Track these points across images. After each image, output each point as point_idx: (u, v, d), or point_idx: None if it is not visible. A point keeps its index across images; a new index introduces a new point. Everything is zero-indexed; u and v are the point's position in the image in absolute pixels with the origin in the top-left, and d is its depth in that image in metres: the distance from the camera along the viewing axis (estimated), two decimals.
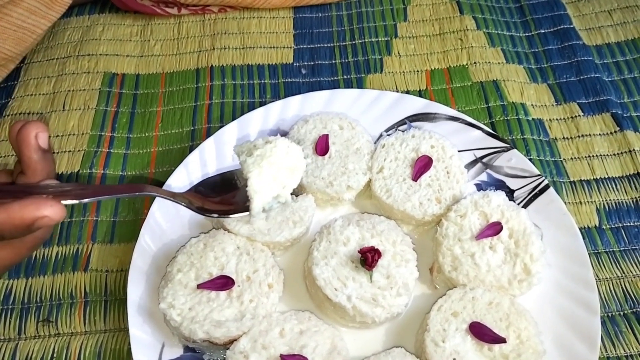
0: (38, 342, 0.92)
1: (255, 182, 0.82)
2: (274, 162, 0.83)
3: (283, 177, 0.85)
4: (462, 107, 1.18)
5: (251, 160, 0.83)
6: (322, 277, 0.88)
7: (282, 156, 0.84)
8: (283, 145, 0.85)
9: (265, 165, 0.82)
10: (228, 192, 0.89)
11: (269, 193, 0.84)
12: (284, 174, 0.85)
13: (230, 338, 0.83)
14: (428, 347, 0.83)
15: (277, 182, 0.85)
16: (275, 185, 0.85)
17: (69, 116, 1.16)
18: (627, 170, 1.10)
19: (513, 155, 1.05)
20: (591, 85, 1.22)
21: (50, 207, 0.62)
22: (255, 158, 0.83)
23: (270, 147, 0.84)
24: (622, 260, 1.01)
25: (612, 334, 0.93)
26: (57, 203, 0.63)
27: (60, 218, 0.63)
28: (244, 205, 0.87)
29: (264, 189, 0.83)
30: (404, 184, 1.00)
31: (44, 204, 0.62)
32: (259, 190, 0.83)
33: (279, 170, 0.84)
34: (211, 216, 0.86)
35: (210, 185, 0.88)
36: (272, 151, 0.83)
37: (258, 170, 0.82)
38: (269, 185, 0.84)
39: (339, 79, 1.22)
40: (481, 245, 0.91)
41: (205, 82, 1.21)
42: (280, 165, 0.84)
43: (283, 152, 0.84)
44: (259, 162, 0.82)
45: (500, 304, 0.87)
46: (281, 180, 0.85)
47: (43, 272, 0.98)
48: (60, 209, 0.63)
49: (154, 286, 0.91)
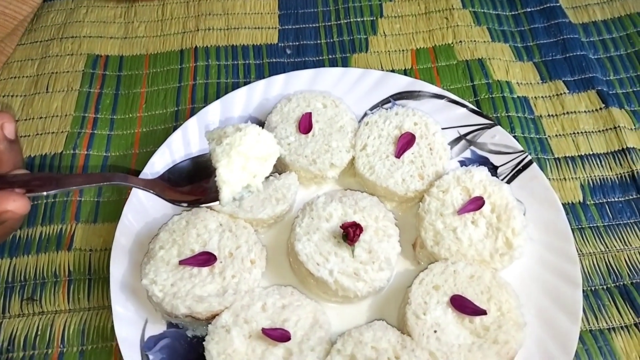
0: (22, 320, 0.92)
1: (223, 172, 0.79)
2: (243, 151, 0.79)
3: (254, 167, 0.82)
4: (447, 85, 1.17)
5: (220, 149, 0.80)
6: (305, 252, 0.89)
7: (253, 145, 0.80)
8: (254, 133, 0.81)
9: (234, 154, 0.79)
10: (202, 178, 0.85)
11: (238, 183, 0.81)
12: (254, 163, 0.82)
13: (212, 313, 0.84)
14: (409, 320, 0.84)
15: (247, 172, 0.81)
16: (245, 175, 0.81)
17: (52, 98, 1.16)
18: (612, 147, 1.10)
19: (497, 131, 1.05)
20: (577, 63, 1.21)
21: (14, 201, 0.63)
22: (224, 147, 0.80)
23: (239, 135, 0.80)
24: (605, 235, 1.01)
25: (595, 308, 0.94)
26: (21, 197, 0.63)
27: (24, 212, 0.64)
28: (217, 192, 0.83)
29: (233, 179, 0.80)
30: (387, 160, 1.00)
31: (7, 199, 0.62)
32: (227, 181, 0.79)
33: (248, 159, 0.81)
34: (181, 205, 0.83)
35: (180, 172, 0.85)
36: (242, 140, 0.80)
37: (226, 159, 0.79)
38: (239, 175, 0.80)
39: (324, 59, 1.22)
40: (463, 220, 0.92)
41: (189, 63, 1.21)
42: (251, 154, 0.81)
43: (254, 141, 0.80)
44: (227, 152, 0.79)
45: (482, 277, 0.87)
46: (251, 169, 0.82)
47: (27, 251, 0.98)
48: (24, 203, 0.63)
49: (137, 264, 0.91)
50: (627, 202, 1.04)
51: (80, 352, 0.89)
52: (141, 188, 0.82)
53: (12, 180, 0.66)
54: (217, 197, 0.81)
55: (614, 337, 0.91)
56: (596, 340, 0.91)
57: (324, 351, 0.82)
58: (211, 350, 0.80)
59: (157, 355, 0.85)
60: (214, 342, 0.81)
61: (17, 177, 0.68)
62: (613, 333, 0.91)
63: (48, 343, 0.90)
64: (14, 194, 0.62)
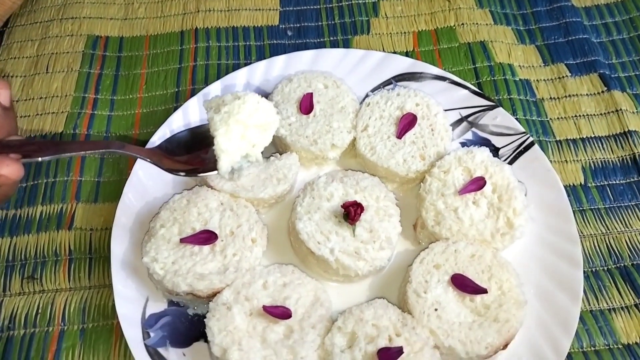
0: (23, 298, 0.92)
1: (222, 140, 0.78)
2: (242, 119, 0.79)
3: (252, 136, 0.81)
4: (449, 68, 1.17)
5: (218, 118, 0.79)
6: (306, 231, 0.89)
7: (252, 113, 0.79)
8: (252, 102, 0.81)
9: (233, 123, 0.78)
10: (200, 149, 0.84)
11: (237, 152, 0.80)
12: (253, 132, 0.81)
13: (213, 290, 0.84)
14: (410, 298, 0.84)
15: (245, 141, 0.80)
16: (244, 144, 0.81)
17: (52, 78, 1.15)
18: (613, 130, 1.10)
19: (498, 113, 1.05)
20: (579, 46, 1.21)
21: (7, 166, 0.62)
22: (223, 115, 0.79)
23: (238, 103, 0.80)
24: (606, 217, 1.01)
25: (595, 289, 0.94)
26: (14, 162, 0.63)
27: (17, 177, 0.63)
28: (215, 163, 0.83)
29: (231, 147, 0.79)
30: (388, 141, 0.99)
31: (1, 163, 0.62)
32: (225, 150, 0.79)
33: (247, 128, 0.80)
34: (178, 174, 0.82)
35: (178, 142, 0.84)
36: (240, 108, 0.79)
37: (225, 128, 0.78)
38: (237, 144, 0.79)
39: (325, 41, 1.21)
40: (464, 200, 0.92)
41: (189, 45, 1.20)
42: (249, 123, 0.80)
43: (252, 109, 0.80)
44: (226, 120, 0.78)
45: (483, 256, 0.87)
46: (250, 138, 0.81)
47: (27, 230, 0.98)
48: (17, 169, 0.63)
49: (138, 243, 0.91)
50: (628, 184, 1.04)
51: (81, 330, 0.89)
52: (138, 156, 0.81)
53: (7, 145, 0.65)
54: (216, 167, 0.80)
55: (614, 318, 0.91)
56: (597, 320, 0.91)
57: (324, 329, 0.82)
58: (212, 327, 0.80)
59: (158, 332, 0.85)
60: (215, 319, 0.81)
61: (11, 142, 0.68)
62: (613, 313, 0.92)
63: (49, 321, 0.90)
64: (7, 158, 0.62)
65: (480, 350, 0.80)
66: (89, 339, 0.88)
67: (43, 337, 0.89)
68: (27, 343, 0.88)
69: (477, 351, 0.80)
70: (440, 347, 0.81)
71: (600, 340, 0.89)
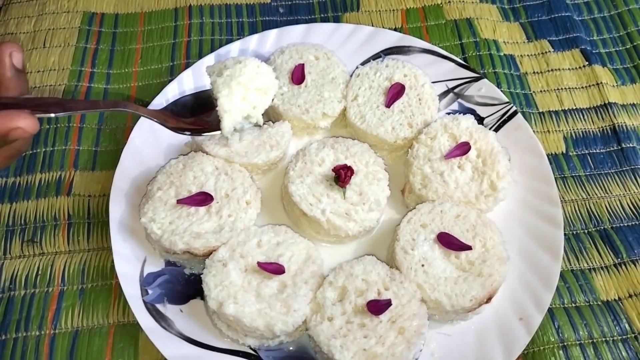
0: (23, 261, 0.95)
1: (224, 102, 0.83)
2: (243, 82, 0.83)
3: (253, 98, 0.86)
4: (436, 43, 1.20)
5: (221, 81, 0.83)
6: (298, 193, 0.92)
7: (252, 76, 0.84)
8: (253, 65, 0.85)
9: (234, 85, 0.83)
10: (203, 112, 0.89)
11: (239, 113, 0.85)
12: (254, 94, 0.85)
13: (209, 249, 0.87)
14: (398, 255, 0.87)
15: (247, 102, 0.85)
16: (246, 106, 0.85)
17: (49, 53, 1.18)
18: (594, 102, 1.14)
19: (483, 84, 1.08)
20: (562, 23, 1.25)
21: (24, 119, 0.65)
22: (225, 78, 0.83)
23: (239, 67, 0.84)
24: (587, 184, 1.05)
25: (576, 250, 0.98)
26: (30, 116, 0.65)
27: (33, 130, 0.66)
28: (218, 125, 0.87)
29: (233, 108, 0.83)
30: (377, 110, 1.03)
31: (18, 116, 0.65)
32: (228, 110, 0.83)
33: (248, 90, 0.84)
34: (184, 133, 0.86)
35: (184, 105, 0.88)
36: (242, 71, 0.83)
37: (227, 90, 0.83)
38: (239, 105, 0.84)
39: (316, 17, 1.25)
40: (450, 164, 0.95)
41: (183, 21, 1.23)
42: (250, 86, 0.84)
43: (253, 72, 0.84)
44: (228, 82, 0.83)
45: (467, 216, 0.91)
46: (251, 100, 0.86)
47: (27, 197, 1.01)
48: (33, 122, 0.66)
49: (135, 207, 0.94)
50: (608, 153, 1.09)
51: (80, 290, 0.92)
52: (145, 115, 0.84)
53: (21, 103, 0.68)
54: (219, 128, 0.84)
55: (594, 277, 0.95)
56: (577, 279, 0.95)
57: (316, 284, 0.85)
58: (208, 282, 0.83)
59: (156, 290, 0.88)
60: (211, 275, 0.84)
61: (26, 100, 0.71)
62: (593, 273, 0.96)
63: (49, 282, 0.93)
64: (23, 112, 0.65)
65: (465, 303, 0.83)
66: (88, 298, 0.91)
67: (43, 297, 0.91)
68: (27, 303, 0.91)
69: (462, 304, 0.83)
70: (427, 301, 0.85)
71: (581, 297, 0.93)
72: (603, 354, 0.88)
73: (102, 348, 0.87)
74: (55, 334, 0.88)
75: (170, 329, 0.85)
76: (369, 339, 0.79)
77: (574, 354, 0.88)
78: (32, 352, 0.87)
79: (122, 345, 0.87)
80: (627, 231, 0.99)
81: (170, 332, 0.85)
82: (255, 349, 0.85)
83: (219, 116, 0.87)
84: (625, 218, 1.01)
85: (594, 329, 0.90)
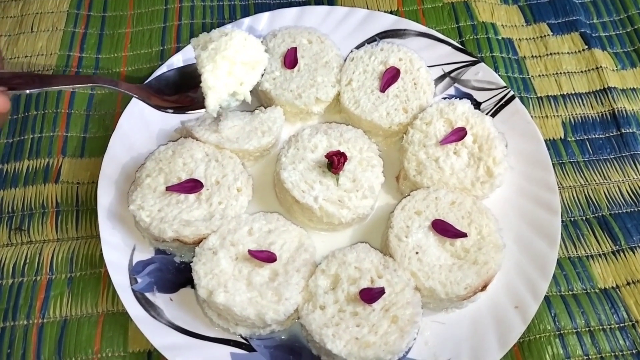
0: (10, 249, 0.93)
1: (209, 77, 0.77)
2: (229, 56, 0.77)
3: (240, 73, 0.80)
4: (432, 27, 1.18)
5: (205, 55, 0.78)
6: (290, 180, 0.90)
7: (239, 50, 0.78)
8: (240, 38, 0.80)
9: (220, 59, 0.77)
10: (188, 89, 0.83)
11: (224, 89, 0.79)
12: (241, 69, 0.80)
13: (199, 237, 0.85)
14: (391, 242, 0.86)
15: (233, 78, 0.79)
16: (232, 81, 0.79)
17: (37, 37, 1.15)
18: (593, 86, 1.12)
19: (480, 68, 1.06)
20: (561, 6, 1.22)
21: None
22: (210, 52, 0.78)
23: (225, 39, 0.79)
24: (585, 170, 1.03)
25: (574, 237, 0.96)
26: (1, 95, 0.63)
27: (4, 110, 0.64)
28: (203, 103, 0.81)
29: (218, 84, 0.78)
30: (372, 95, 1.01)
31: None
32: (213, 86, 0.78)
33: (234, 64, 0.79)
34: (166, 111, 0.81)
35: (167, 81, 0.83)
36: (228, 44, 0.78)
37: (212, 65, 0.77)
38: (225, 80, 0.78)
39: (310, 1, 1.22)
40: (445, 150, 0.93)
41: (174, 4, 1.20)
42: (237, 60, 0.79)
43: (240, 45, 0.79)
44: (213, 56, 0.77)
45: (463, 203, 0.89)
46: (238, 75, 0.80)
47: (14, 184, 0.99)
48: (3, 101, 0.64)
49: (124, 194, 0.92)
50: (607, 138, 1.07)
51: (69, 279, 0.91)
52: (125, 91, 0.79)
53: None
54: (204, 106, 0.79)
55: (591, 264, 0.94)
56: (574, 266, 0.93)
57: (308, 272, 0.84)
58: (198, 270, 0.82)
59: (145, 278, 0.87)
60: (201, 263, 0.82)
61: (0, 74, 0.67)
62: (591, 260, 0.94)
63: (37, 270, 0.91)
64: None
65: (460, 291, 0.82)
66: (76, 286, 0.90)
67: (31, 286, 0.90)
68: (15, 292, 0.89)
69: (457, 292, 0.82)
70: (421, 289, 0.83)
71: (578, 285, 0.92)
72: (600, 342, 0.87)
73: (91, 337, 0.86)
74: (43, 323, 0.87)
75: (159, 318, 0.83)
76: (361, 327, 0.78)
77: (571, 342, 0.87)
78: (20, 341, 0.86)
79: (111, 335, 0.86)
80: (625, 218, 0.98)
81: (160, 321, 0.83)
82: (247, 338, 0.84)
83: None
84: (624, 204, 0.99)
85: (591, 317, 0.89)
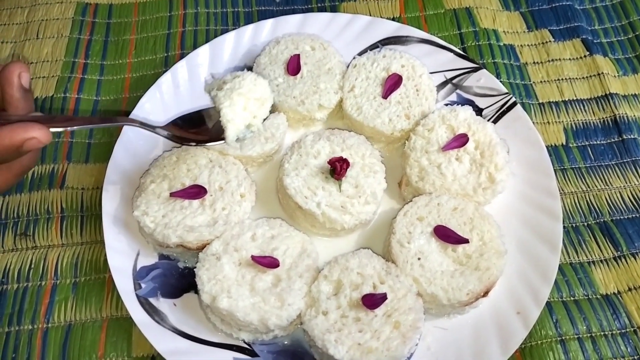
0: (16, 254, 0.94)
1: (227, 112, 0.85)
2: (243, 93, 0.86)
3: (253, 108, 0.89)
4: (434, 33, 1.18)
5: (222, 94, 0.86)
6: (293, 186, 0.91)
7: (251, 87, 0.87)
8: (250, 78, 0.88)
9: (235, 96, 0.86)
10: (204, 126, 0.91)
11: (241, 122, 0.88)
12: (253, 105, 0.89)
13: (203, 242, 0.86)
14: (394, 248, 0.86)
15: (247, 112, 0.88)
16: (246, 115, 0.88)
17: (42, 44, 1.16)
18: (595, 93, 1.13)
19: (482, 75, 1.07)
20: (562, 13, 1.23)
21: (38, 130, 0.66)
22: (226, 91, 0.86)
23: (238, 80, 0.87)
24: (587, 176, 1.04)
25: (575, 243, 0.97)
26: (44, 127, 0.67)
27: (47, 140, 0.67)
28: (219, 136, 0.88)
29: (236, 118, 0.87)
30: (374, 101, 1.01)
31: (32, 127, 0.66)
32: (231, 119, 0.86)
33: (248, 100, 0.88)
34: (189, 144, 0.88)
35: (188, 119, 0.91)
36: (241, 83, 0.87)
37: (229, 101, 0.85)
38: (241, 114, 0.87)
39: (313, 7, 1.23)
40: (447, 156, 0.94)
41: (178, 11, 1.21)
42: (249, 96, 0.87)
43: (251, 84, 0.88)
44: (229, 94, 0.86)
45: (465, 209, 0.90)
46: (251, 110, 0.89)
47: (19, 190, 1.00)
48: (47, 132, 0.67)
49: (128, 200, 0.93)
50: (609, 144, 1.07)
51: (73, 284, 0.91)
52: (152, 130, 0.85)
53: (30, 120, 0.69)
54: (223, 137, 0.86)
55: (593, 270, 0.94)
56: (576, 272, 0.94)
57: (311, 277, 0.84)
58: (202, 276, 0.82)
59: (149, 283, 0.87)
60: (205, 269, 0.83)
61: (35, 117, 0.72)
62: (593, 266, 0.94)
63: (42, 275, 0.92)
64: (37, 124, 0.66)
65: (462, 297, 0.82)
66: (81, 291, 0.91)
67: (36, 291, 0.91)
68: (20, 296, 0.90)
69: (459, 297, 0.82)
70: (423, 295, 0.84)
71: (580, 291, 0.92)
72: (602, 348, 0.87)
73: (95, 342, 0.86)
74: (48, 328, 0.88)
75: (163, 323, 0.84)
76: (364, 333, 0.79)
77: (572, 348, 0.87)
78: (24, 346, 0.86)
79: (115, 340, 0.87)
80: (627, 224, 0.98)
81: (164, 327, 0.84)
82: (250, 343, 0.84)
83: (219, 129, 0.87)
84: (626, 210, 0.99)
85: (593, 323, 0.89)
